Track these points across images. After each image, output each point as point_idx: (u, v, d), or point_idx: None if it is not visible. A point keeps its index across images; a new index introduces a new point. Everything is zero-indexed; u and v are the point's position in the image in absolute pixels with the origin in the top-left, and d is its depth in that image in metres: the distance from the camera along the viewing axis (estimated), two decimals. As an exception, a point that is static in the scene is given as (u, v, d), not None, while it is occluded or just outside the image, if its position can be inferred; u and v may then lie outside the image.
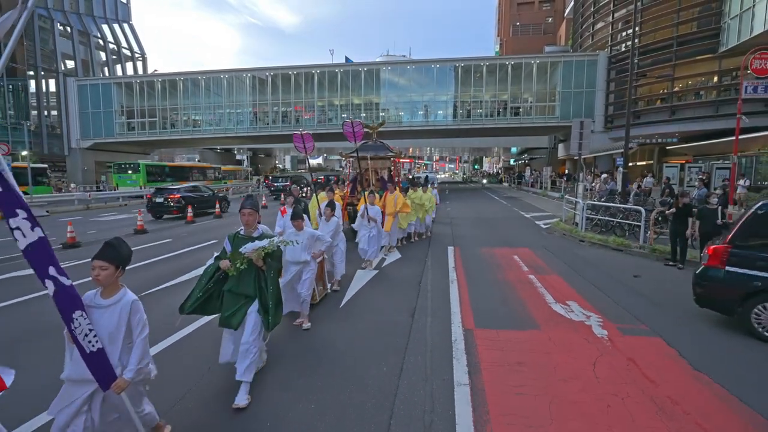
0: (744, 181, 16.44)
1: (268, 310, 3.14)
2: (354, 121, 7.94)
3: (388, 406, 3.09)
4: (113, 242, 2.29)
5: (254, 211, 3.32)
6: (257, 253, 3.07)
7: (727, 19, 24.62)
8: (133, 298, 2.31)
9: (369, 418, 2.94)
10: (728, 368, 3.66)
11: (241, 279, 3.16)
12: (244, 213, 3.31)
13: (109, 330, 2.22)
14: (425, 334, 4.43)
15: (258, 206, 3.39)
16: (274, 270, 3.28)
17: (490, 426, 2.82)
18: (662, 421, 2.88)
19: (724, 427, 2.81)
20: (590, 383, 3.39)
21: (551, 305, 5.32)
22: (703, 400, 3.16)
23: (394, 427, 2.83)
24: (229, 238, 3.32)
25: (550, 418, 2.91)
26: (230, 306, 3.19)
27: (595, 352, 3.95)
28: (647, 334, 4.42)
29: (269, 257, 3.19)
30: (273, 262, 3.26)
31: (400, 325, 4.71)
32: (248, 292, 3.19)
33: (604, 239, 9.42)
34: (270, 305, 3.15)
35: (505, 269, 7.29)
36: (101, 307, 2.24)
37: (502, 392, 3.26)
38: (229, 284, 3.20)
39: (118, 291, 2.31)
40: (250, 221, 3.30)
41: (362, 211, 7.30)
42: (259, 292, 3.18)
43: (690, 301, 4.91)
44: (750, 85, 8.05)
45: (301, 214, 4.56)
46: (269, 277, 3.20)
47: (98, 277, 2.21)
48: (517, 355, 3.91)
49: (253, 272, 3.17)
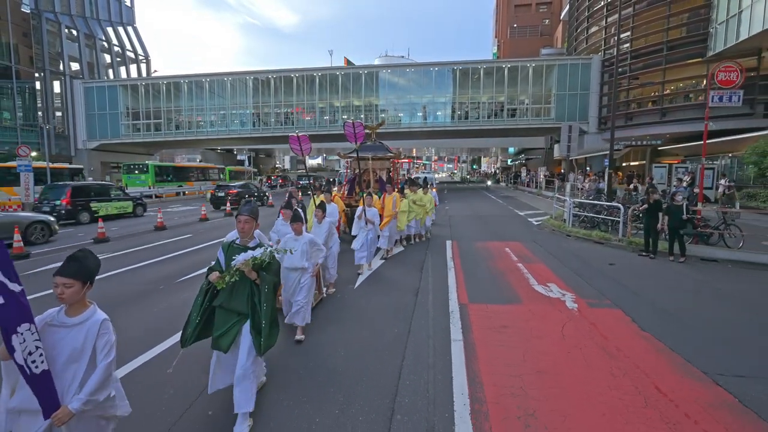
0: (725, 181, 17.45)
1: (261, 331, 2.82)
2: (355, 121, 7.79)
3: (400, 353, 4.02)
4: (78, 255, 2.04)
5: (251, 219, 3.05)
6: (247, 264, 2.79)
7: (714, 25, 25.58)
8: (102, 318, 2.05)
9: (385, 361, 3.87)
10: (670, 331, 4.59)
11: (234, 293, 2.89)
12: (239, 220, 3.02)
13: (72, 350, 1.96)
14: (428, 307, 5.36)
15: (256, 213, 3.13)
16: (269, 285, 2.92)
17: (477, 365, 3.76)
18: (607, 360, 3.82)
19: (653, 365, 3.75)
20: (558, 339, 4.33)
21: (534, 286, 6.27)
22: (642, 349, 4.09)
23: (405, 367, 3.75)
24: (223, 248, 3.06)
25: (524, 361, 3.84)
26: (222, 324, 2.91)
27: (565, 319, 4.89)
28: (610, 306, 5.36)
29: (264, 270, 2.90)
30: (268, 276, 2.92)
31: (406, 301, 5.64)
32: (241, 308, 2.90)
33: (588, 233, 10.37)
34: (263, 325, 2.82)
35: (496, 259, 8.23)
36: (66, 326, 1.99)
37: (487, 345, 4.20)
38: (221, 299, 2.92)
39: (85, 309, 2.05)
40: (245, 229, 3.03)
41: (359, 213, 7.13)
42: (251, 310, 2.87)
43: (651, 282, 5.85)
44: (716, 94, 8.99)
45: (301, 218, 4.37)
46: (263, 292, 2.88)
47: (62, 296, 1.96)
48: (501, 321, 4.85)
49: (247, 286, 2.89)
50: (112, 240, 10.96)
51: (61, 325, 2.00)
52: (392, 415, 3.01)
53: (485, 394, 3.26)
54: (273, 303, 2.96)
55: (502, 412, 3.03)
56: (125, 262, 8.30)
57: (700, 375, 3.56)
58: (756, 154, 16.03)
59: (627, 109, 31.96)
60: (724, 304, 5.48)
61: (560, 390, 3.32)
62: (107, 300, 5.59)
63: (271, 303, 2.92)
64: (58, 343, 1.96)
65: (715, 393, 3.27)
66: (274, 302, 2.98)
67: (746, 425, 2.87)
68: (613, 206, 10.49)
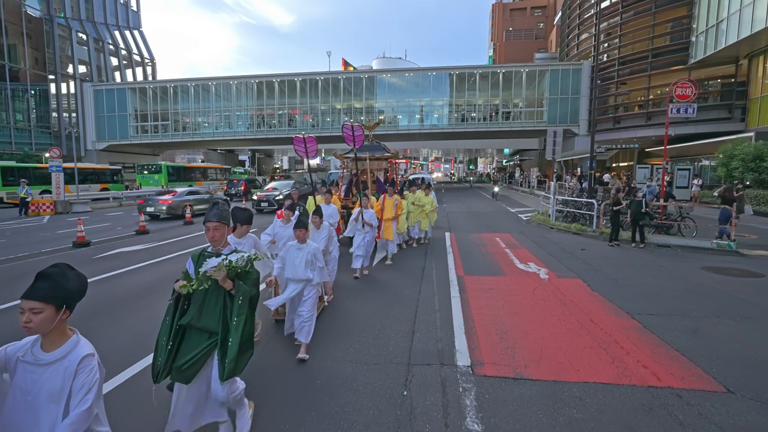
0: (698, 181, 19.15)
1: (227, 350, 2.35)
2: (354, 125, 7.50)
3: (414, 304, 5.57)
4: (50, 272, 1.68)
5: (222, 225, 2.61)
6: (219, 269, 2.35)
7: (695, 35, 27.29)
8: (84, 354, 1.69)
9: (403, 309, 5.41)
10: (612, 291, 6.16)
11: (205, 309, 2.44)
12: (208, 227, 2.59)
13: (50, 394, 1.64)
14: (432, 278, 6.91)
15: (227, 218, 2.71)
16: (244, 296, 2.44)
17: (469, 309, 5.31)
18: (561, 307, 5.39)
19: (593, 309, 5.30)
20: (529, 296, 5.89)
21: (516, 264, 7.84)
22: (588, 301, 5.66)
23: (418, 312, 5.29)
24: (193, 258, 2.62)
25: (502, 307, 5.40)
26: (189, 349, 2.40)
27: (537, 285, 6.46)
28: (573, 277, 6.94)
29: (239, 278, 2.48)
30: (244, 285, 2.46)
31: (415, 274, 7.20)
32: (213, 326, 2.42)
33: (568, 226, 11.97)
34: (230, 343, 2.35)
35: (487, 246, 9.79)
36: (40, 365, 1.66)
37: (477, 299, 5.75)
38: (189, 316, 2.44)
39: (65, 340, 1.70)
40: (216, 237, 2.59)
41: (356, 215, 6.92)
42: (222, 326, 2.41)
43: (610, 262, 7.41)
44: (674, 107, 10.59)
45: (305, 224, 4.02)
46: (236, 304, 2.41)
47: (28, 325, 1.60)
48: (489, 286, 6.41)
49: (220, 299, 2.45)
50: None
51: (35, 362, 1.65)
52: (413, 335, 4.55)
53: (474, 324, 4.81)
54: (246, 318, 2.42)
55: (486, 331, 4.59)
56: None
57: (623, 314, 5.13)
58: (725, 157, 17.67)
59: (615, 113, 33.72)
60: (660, 276, 7.06)
61: (525, 322, 4.89)
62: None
63: (245, 318, 2.41)
64: (33, 386, 1.63)
65: (630, 323, 4.84)
66: (247, 318, 2.44)
67: (642, 337, 4.43)
68: (589, 202, 12.09)
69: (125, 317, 5.16)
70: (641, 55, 30.92)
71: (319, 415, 3.03)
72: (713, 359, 3.87)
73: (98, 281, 6.88)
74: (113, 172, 27.88)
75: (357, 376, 3.61)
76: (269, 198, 17.67)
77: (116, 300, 5.85)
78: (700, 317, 5.02)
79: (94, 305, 5.48)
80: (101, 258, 8.79)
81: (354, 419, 2.98)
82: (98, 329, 4.69)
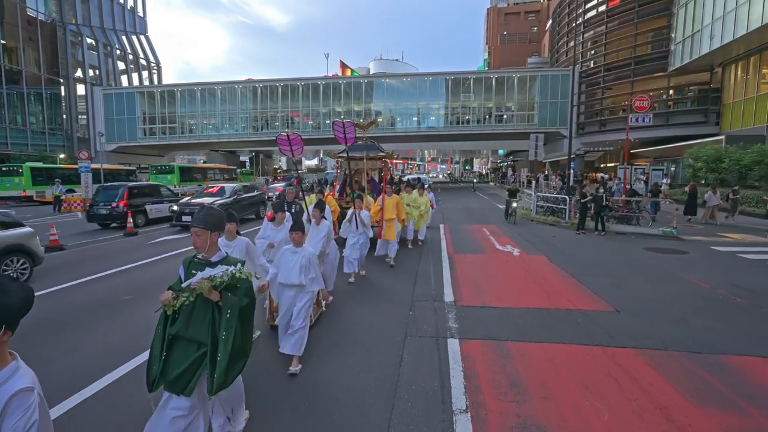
0: (666, 180, 21.12)
1: (216, 364, 2.30)
2: (345, 122, 7.08)
3: (413, 274, 7.39)
4: None
5: (203, 230, 2.49)
6: (203, 285, 2.26)
7: (674, 44, 29.23)
8: (17, 388, 1.28)
9: (406, 275, 7.24)
10: (568, 263, 8.00)
11: (193, 319, 2.40)
12: (192, 232, 2.51)
13: None
14: (429, 257, 8.74)
15: (213, 223, 2.55)
16: (232, 308, 2.36)
17: (457, 276, 7.15)
18: (525, 273, 7.25)
19: (548, 274, 7.15)
20: (503, 267, 7.75)
21: (496, 246, 9.71)
22: (547, 270, 7.51)
23: (417, 279, 7.10)
24: (184, 264, 2.57)
25: (481, 275, 7.25)
26: (179, 360, 2.37)
27: (509, 260, 8.32)
28: (539, 254, 8.79)
29: (229, 289, 2.37)
30: (233, 297, 2.37)
31: (414, 254, 9.02)
32: (201, 337, 2.38)
33: (546, 218, 13.85)
34: (219, 357, 2.30)
35: (475, 234, 11.65)
36: None
37: (463, 270, 7.59)
38: (177, 326, 2.41)
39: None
40: (198, 243, 2.51)
41: (349, 216, 6.74)
42: (210, 337, 2.36)
43: (574, 246, 9.28)
44: (634, 116, 12.48)
45: (301, 226, 3.88)
46: (225, 317, 2.34)
47: None
48: (472, 261, 8.26)
49: (209, 310, 2.39)
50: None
51: None
52: (414, 287, 6.37)
53: (459, 283, 6.65)
54: (239, 331, 2.39)
55: (465, 285, 6.44)
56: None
57: (569, 276, 6.99)
58: (691, 158, 19.62)
59: (601, 116, 35.74)
60: (608, 254, 8.92)
61: (495, 281, 6.74)
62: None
63: (234, 331, 2.37)
64: None
65: (571, 280, 6.70)
66: (240, 330, 2.41)
67: (575, 287, 6.27)
68: (563, 198, 13.99)
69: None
70: (625, 62, 32.90)
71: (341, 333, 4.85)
72: (614, 297, 5.74)
73: (151, 263, 8.67)
74: (128, 173, 29.61)
75: (374, 310, 5.44)
76: (193, 210, 12.39)
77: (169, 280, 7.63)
78: (621, 277, 6.90)
79: (150, 284, 7.28)
80: (152, 244, 10.57)
81: (373, 328, 4.80)
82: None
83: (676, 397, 3.24)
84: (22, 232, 6.57)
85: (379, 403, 3.22)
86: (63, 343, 4.40)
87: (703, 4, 25.20)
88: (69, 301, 5.80)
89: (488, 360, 3.90)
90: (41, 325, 4.85)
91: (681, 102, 31.72)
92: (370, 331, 4.65)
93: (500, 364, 3.81)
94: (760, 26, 19.66)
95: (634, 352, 4.04)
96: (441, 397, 3.26)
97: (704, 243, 9.97)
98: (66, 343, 4.40)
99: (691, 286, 6.38)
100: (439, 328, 4.70)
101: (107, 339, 4.49)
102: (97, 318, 5.13)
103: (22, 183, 22.88)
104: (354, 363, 3.89)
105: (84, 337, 4.53)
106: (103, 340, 4.45)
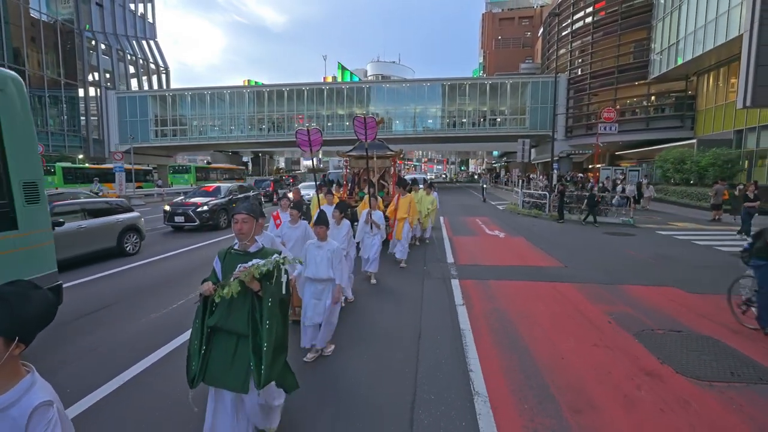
0: (646, 180, 23.61)
1: (262, 356, 2.23)
2: (367, 116, 7.06)
3: (423, 249, 9.73)
4: (4, 293, 1.20)
5: (250, 218, 2.49)
6: (248, 273, 2.25)
7: (653, 54, 31.73)
8: (36, 403, 1.20)
9: (417, 252, 9.57)
10: (542, 244, 10.36)
11: (232, 310, 2.34)
12: (236, 219, 2.47)
13: None
14: (433, 239, 11.07)
15: (257, 211, 2.59)
16: (273, 297, 2.31)
17: (456, 251, 9.49)
18: (508, 250, 9.63)
19: (525, 250, 9.52)
20: (490, 244, 10.12)
21: (486, 231, 12.10)
22: (524, 248, 9.88)
23: (427, 252, 9.43)
24: (219, 256, 2.52)
25: (472, 246, 9.62)
26: (222, 353, 2.33)
27: (496, 240, 10.69)
28: (519, 236, 11.17)
29: (267, 279, 2.31)
30: (273, 287, 2.32)
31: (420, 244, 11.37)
32: (240, 328, 2.33)
33: (530, 212, 16.26)
34: (264, 347, 2.23)
35: (469, 224, 14.03)
36: None
37: (460, 246, 9.95)
38: (215, 318, 2.35)
39: (14, 384, 1.21)
40: (244, 230, 2.47)
41: (365, 217, 6.73)
42: (252, 328, 2.30)
43: (550, 232, 11.70)
44: (603, 126, 14.90)
45: (326, 221, 3.86)
46: (266, 306, 2.28)
47: None
48: (467, 241, 10.63)
49: (248, 301, 2.33)
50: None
51: None
52: (425, 256, 8.70)
53: (458, 254, 8.98)
54: (279, 322, 2.33)
55: (462, 253, 8.82)
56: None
57: (539, 249, 9.37)
58: (661, 161, 22.10)
59: (587, 121, 38.28)
60: (574, 236, 11.29)
61: (483, 251, 9.11)
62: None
63: (277, 321, 2.30)
64: None
65: (540, 253, 9.06)
66: (281, 321, 2.35)
67: (541, 255, 8.63)
68: (544, 194, 16.42)
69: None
70: (609, 71, 35.44)
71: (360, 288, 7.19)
72: (567, 259, 8.15)
73: (201, 247, 10.95)
74: (145, 173, 31.66)
75: (396, 269, 7.76)
76: (186, 211, 12.56)
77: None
78: (576, 250, 9.32)
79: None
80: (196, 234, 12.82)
81: (400, 276, 7.12)
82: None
83: (584, 301, 5.62)
84: (134, 215, 8.81)
85: (414, 310, 5.56)
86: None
87: (679, 18, 27.74)
88: (167, 268, 8.09)
89: (477, 289, 6.27)
90: (147, 290, 7.13)
91: (660, 108, 34.28)
92: (398, 281, 6.98)
93: (484, 289, 6.19)
94: (726, 40, 22.09)
95: (569, 285, 6.42)
96: (448, 303, 5.61)
97: (652, 229, 12.41)
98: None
99: (625, 254, 8.79)
100: (445, 274, 7.05)
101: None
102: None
103: (55, 181, 24.99)
104: (387, 298, 6.23)
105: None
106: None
